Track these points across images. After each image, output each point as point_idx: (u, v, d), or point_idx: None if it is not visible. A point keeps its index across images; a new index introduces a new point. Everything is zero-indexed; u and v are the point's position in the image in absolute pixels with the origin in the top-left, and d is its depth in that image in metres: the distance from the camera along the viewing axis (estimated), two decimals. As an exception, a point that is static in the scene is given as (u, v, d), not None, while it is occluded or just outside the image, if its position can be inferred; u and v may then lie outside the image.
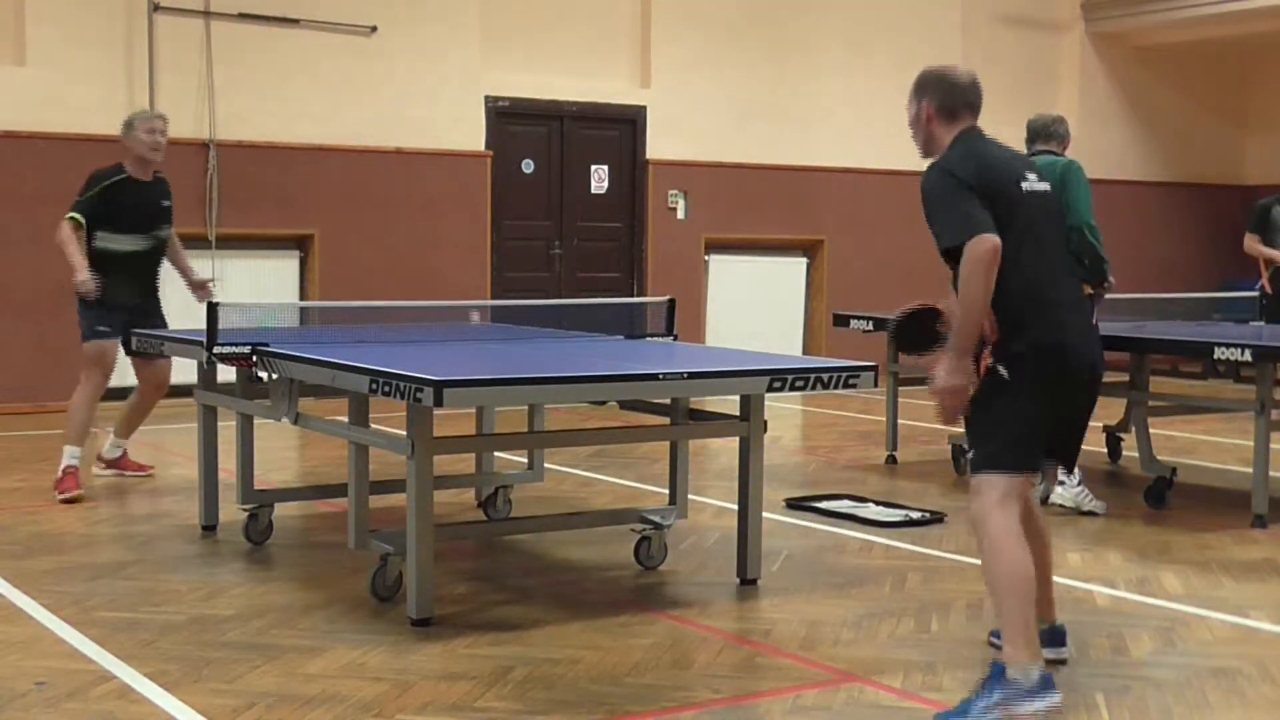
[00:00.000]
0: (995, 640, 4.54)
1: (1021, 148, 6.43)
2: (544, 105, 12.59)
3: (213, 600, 5.24)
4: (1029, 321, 4.04)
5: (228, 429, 6.35)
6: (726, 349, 8.34)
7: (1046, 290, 4.09)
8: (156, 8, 10.81)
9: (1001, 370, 4.04)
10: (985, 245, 3.92)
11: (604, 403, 6.12)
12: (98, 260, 7.23)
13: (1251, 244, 9.74)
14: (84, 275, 7.10)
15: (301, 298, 11.25)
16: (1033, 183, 4.20)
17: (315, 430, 5.88)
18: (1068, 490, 7.04)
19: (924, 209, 4.11)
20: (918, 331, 4.46)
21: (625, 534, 5.93)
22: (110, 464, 7.88)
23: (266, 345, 5.59)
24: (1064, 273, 4.23)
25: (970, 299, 3.97)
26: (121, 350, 7.38)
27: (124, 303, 7.27)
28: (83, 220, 7.17)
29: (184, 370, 7.77)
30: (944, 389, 4.06)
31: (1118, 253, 17.07)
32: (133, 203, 7.30)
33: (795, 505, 7.12)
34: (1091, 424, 4.39)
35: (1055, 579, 5.64)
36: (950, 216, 4.02)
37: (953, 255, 4.03)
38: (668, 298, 6.68)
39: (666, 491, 6.09)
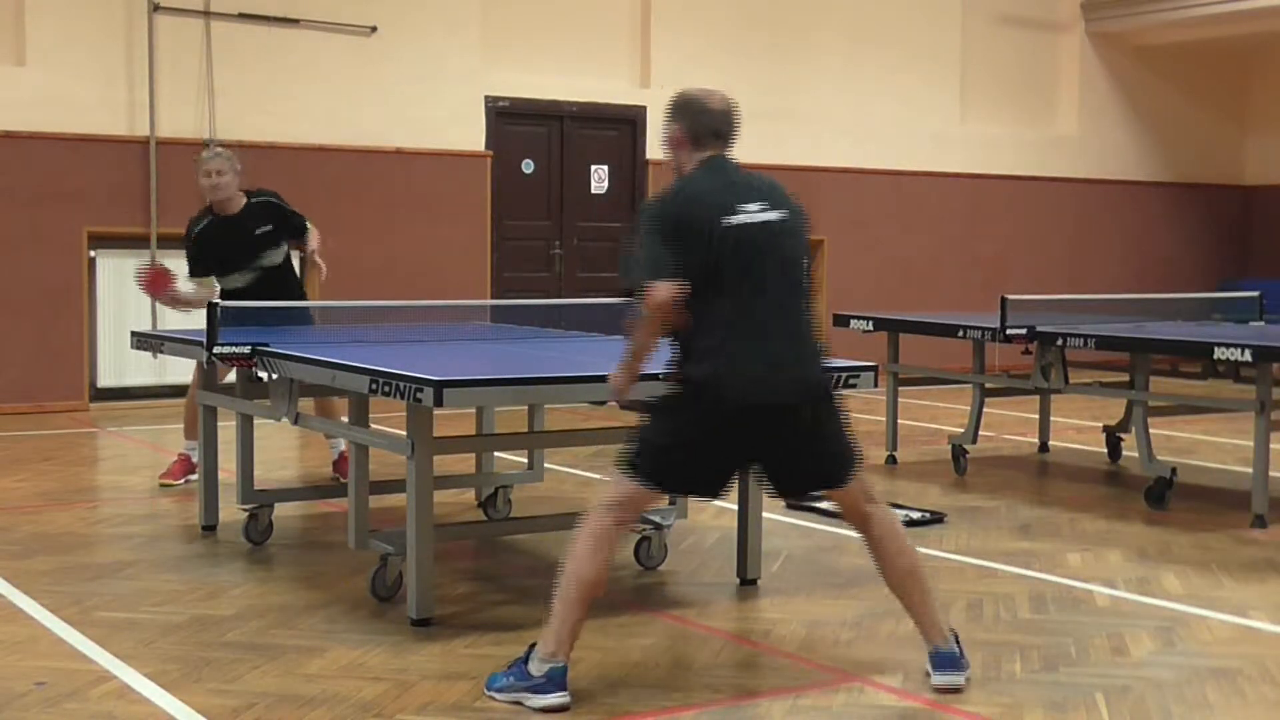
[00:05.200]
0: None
1: (1022, 148, 6.39)
2: (544, 105, 12.58)
3: (213, 600, 5.24)
4: (702, 358, 4.05)
5: (228, 429, 6.35)
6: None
7: (731, 328, 4.03)
8: (156, 8, 10.81)
9: (671, 390, 4.14)
10: (657, 295, 3.94)
11: (604, 403, 6.11)
12: (227, 297, 7.10)
13: None
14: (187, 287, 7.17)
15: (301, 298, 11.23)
16: (748, 214, 4.08)
17: (315, 430, 5.88)
18: None
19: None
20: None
21: (625, 534, 5.92)
22: (335, 466, 7.67)
23: (266, 345, 5.59)
24: (770, 310, 4.09)
25: (636, 339, 4.09)
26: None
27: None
28: (204, 278, 7.21)
29: (184, 370, 7.78)
30: (611, 384, 4.34)
31: (1118, 253, 17.17)
32: (224, 242, 7.19)
33: (795, 505, 7.12)
34: (1091, 424, 4.38)
35: (1055, 579, 5.68)
36: (640, 258, 4.01)
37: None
38: (668, 298, 6.66)
39: (666, 491, 6.08)
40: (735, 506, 5.56)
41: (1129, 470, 8.28)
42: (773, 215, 4.14)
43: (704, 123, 4.23)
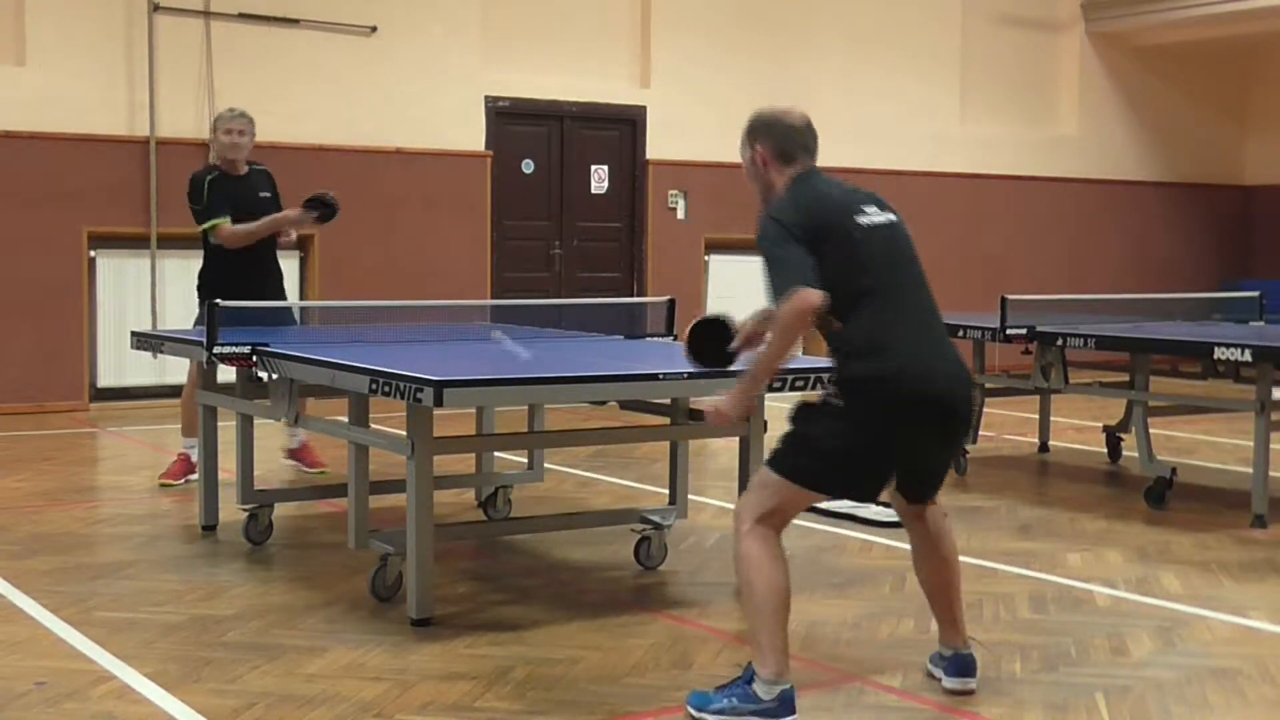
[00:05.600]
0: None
1: (1022, 148, 6.40)
2: (544, 105, 12.58)
3: (213, 600, 5.24)
4: (870, 355, 3.94)
5: (228, 429, 6.35)
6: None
7: (894, 324, 3.97)
8: (156, 8, 10.81)
9: (836, 400, 3.96)
10: (804, 301, 3.80)
11: (604, 403, 6.11)
12: (213, 256, 7.34)
13: None
14: (288, 213, 7.30)
15: (301, 298, 11.24)
16: (872, 216, 4.06)
17: (315, 430, 5.88)
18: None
19: (762, 259, 3.97)
20: (706, 346, 4.38)
21: (625, 534, 5.93)
22: (291, 453, 7.93)
23: (266, 345, 5.59)
24: (916, 305, 4.06)
25: (771, 353, 3.91)
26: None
27: (239, 296, 7.21)
28: (227, 220, 7.26)
29: (184, 370, 7.78)
30: (718, 414, 4.08)
31: (1118, 253, 17.15)
32: (233, 195, 7.37)
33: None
34: (1091, 424, 4.39)
35: (1055, 579, 5.68)
36: (776, 270, 3.89)
37: None
38: (668, 298, 6.68)
39: (666, 491, 6.08)
40: (735, 506, 5.55)
41: (1129, 470, 8.28)
42: (891, 217, 4.11)
43: (791, 139, 4.17)
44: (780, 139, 4.16)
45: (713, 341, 4.36)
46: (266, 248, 7.51)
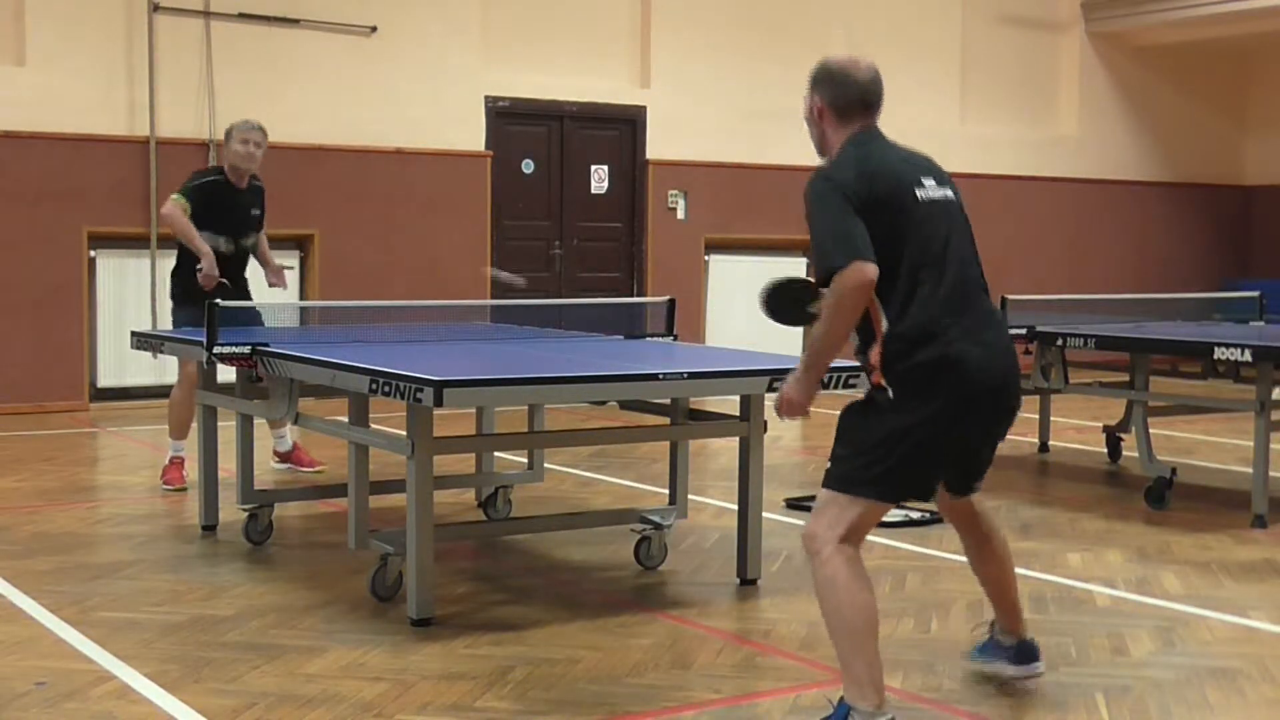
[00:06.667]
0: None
1: (1022, 148, 6.39)
2: (544, 105, 12.58)
3: (213, 600, 5.24)
4: (923, 340, 3.68)
5: (228, 429, 6.35)
6: (726, 349, 8.33)
7: (948, 306, 3.71)
8: (156, 8, 10.81)
9: (887, 389, 3.71)
10: (858, 276, 3.54)
11: (604, 403, 6.11)
12: (186, 259, 7.31)
13: None
14: (211, 264, 7.16)
15: (301, 298, 11.24)
16: (930, 189, 3.80)
17: (315, 430, 5.88)
18: None
19: (808, 225, 3.72)
20: (785, 302, 4.17)
21: (625, 534, 5.93)
22: (283, 458, 7.92)
23: (266, 345, 5.59)
24: (972, 286, 3.82)
25: (830, 330, 3.64)
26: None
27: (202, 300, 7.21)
28: (187, 204, 7.22)
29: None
30: (788, 400, 3.80)
31: (1118, 253, 17.14)
32: (224, 205, 7.36)
33: (795, 505, 7.12)
34: (1091, 424, 4.38)
35: (1055, 579, 5.68)
36: (827, 235, 3.63)
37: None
38: (668, 298, 6.68)
39: (666, 491, 6.08)
40: (735, 506, 5.55)
41: (1129, 470, 8.28)
42: (948, 193, 3.85)
43: (849, 92, 3.88)
44: (839, 92, 3.89)
45: (794, 302, 4.15)
46: (240, 258, 7.47)
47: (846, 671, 3.72)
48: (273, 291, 7.78)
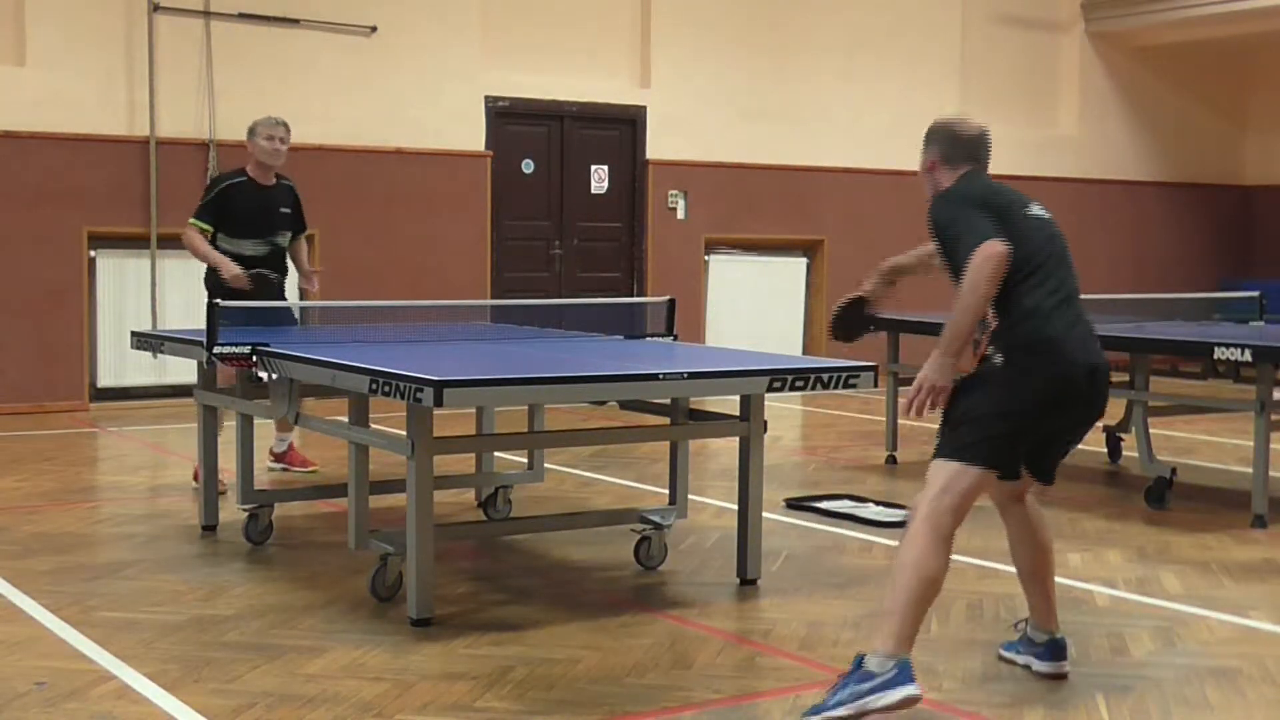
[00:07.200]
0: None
1: (1022, 148, 6.44)
2: (544, 105, 12.58)
3: (213, 600, 5.24)
4: (1037, 319, 4.08)
5: (227, 429, 6.35)
6: (726, 349, 8.34)
7: (1054, 300, 4.12)
8: (156, 8, 10.81)
9: (997, 359, 4.09)
10: (994, 249, 3.96)
11: (604, 403, 6.11)
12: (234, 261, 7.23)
13: None
14: (233, 268, 7.12)
15: (302, 297, 11.22)
16: (1036, 210, 4.26)
17: (315, 430, 5.88)
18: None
19: (938, 240, 4.16)
20: (850, 320, 4.71)
21: (625, 534, 5.93)
22: (278, 458, 7.92)
23: (266, 345, 5.59)
24: (1073, 290, 4.23)
25: (967, 304, 3.99)
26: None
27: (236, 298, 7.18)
28: (206, 226, 7.23)
29: (184, 370, 7.79)
30: (929, 383, 4.09)
31: (1118, 253, 17.14)
32: (251, 206, 7.32)
33: (795, 505, 7.12)
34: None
35: (1056, 579, 5.67)
36: (960, 233, 4.05)
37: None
38: (668, 298, 6.68)
39: (666, 491, 6.09)
40: (735, 506, 5.55)
41: (1129, 470, 8.28)
42: (1050, 216, 4.29)
43: (959, 147, 4.32)
44: (948, 147, 4.33)
45: (855, 318, 4.71)
46: (274, 258, 7.44)
47: (884, 621, 3.95)
48: (307, 284, 7.77)
